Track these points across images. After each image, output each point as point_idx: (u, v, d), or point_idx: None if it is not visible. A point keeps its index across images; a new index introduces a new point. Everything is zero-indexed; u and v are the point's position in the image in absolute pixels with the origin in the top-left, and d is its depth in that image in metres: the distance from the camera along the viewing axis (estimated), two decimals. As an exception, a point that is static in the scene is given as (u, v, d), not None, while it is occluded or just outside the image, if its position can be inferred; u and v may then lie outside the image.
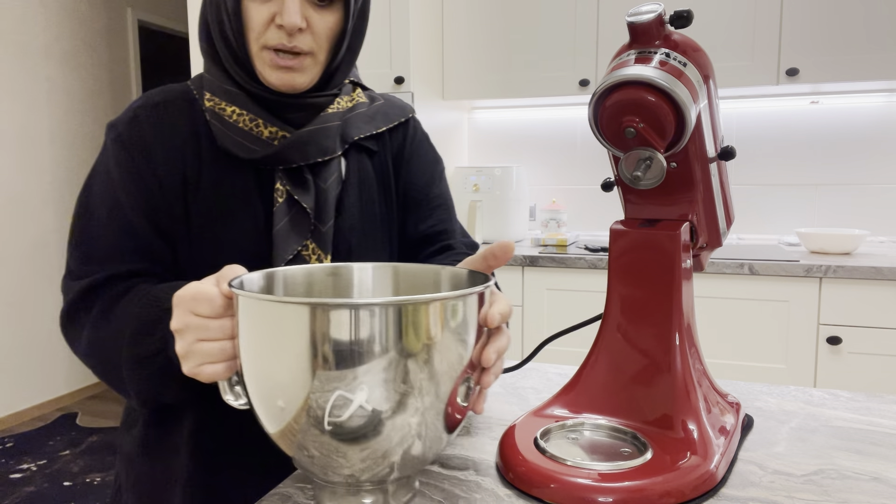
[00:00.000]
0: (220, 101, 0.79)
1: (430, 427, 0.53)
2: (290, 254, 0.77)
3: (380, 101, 0.91)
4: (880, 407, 0.83)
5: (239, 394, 0.59)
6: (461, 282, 0.64)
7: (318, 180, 0.81)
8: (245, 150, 0.78)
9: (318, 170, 0.81)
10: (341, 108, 0.84)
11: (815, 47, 2.21)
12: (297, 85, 0.77)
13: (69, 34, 3.70)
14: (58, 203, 3.67)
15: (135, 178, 0.77)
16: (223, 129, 0.78)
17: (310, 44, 0.75)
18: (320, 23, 0.75)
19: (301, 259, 0.78)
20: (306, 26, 0.74)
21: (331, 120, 0.82)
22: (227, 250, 0.78)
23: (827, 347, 2.02)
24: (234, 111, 0.78)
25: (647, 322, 0.69)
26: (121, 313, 0.71)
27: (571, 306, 2.27)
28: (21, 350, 3.47)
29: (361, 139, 0.86)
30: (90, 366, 0.75)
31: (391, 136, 0.91)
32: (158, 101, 0.80)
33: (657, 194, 0.71)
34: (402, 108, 0.94)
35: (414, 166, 0.92)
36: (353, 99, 0.87)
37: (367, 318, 0.48)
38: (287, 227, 0.78)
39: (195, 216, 0.78)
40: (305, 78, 0.77)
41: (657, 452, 0.62)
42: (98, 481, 2.74)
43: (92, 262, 0.76)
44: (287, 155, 0.78)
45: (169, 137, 0.78)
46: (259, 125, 0.78)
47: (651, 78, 0.60)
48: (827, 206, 2.53)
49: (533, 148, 2.90)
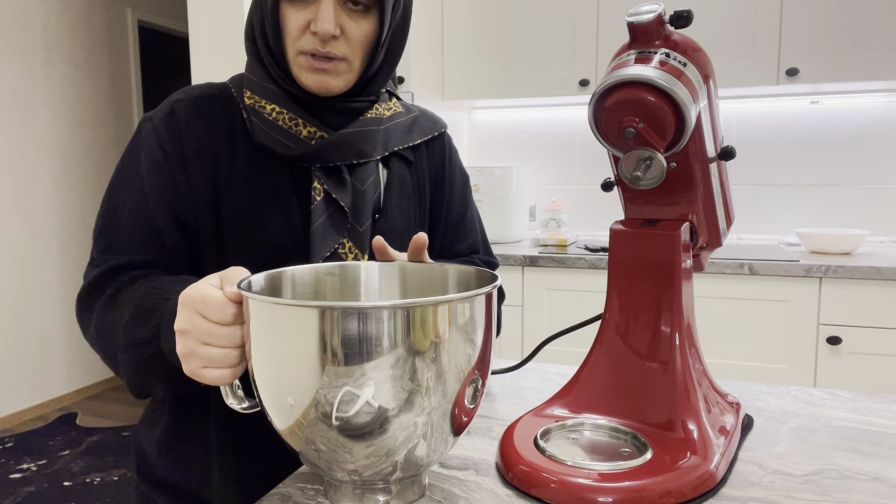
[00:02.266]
0: (261, 98, 0.80)
1: (437, 428, 0.53)
2: (328, 251, 0.78)
3: (415, 113, 0.94)
4: (880, 407, 0.83)
5: (242, 398, 0.59)
6: (468, 280, 0.64)
7: (355, 181, 0.82)
8: (283, 147, 0.79)
9: (355, 171, 0.83)
10: (380, 114, 0.85)
11: (815, 47, 2.21)
12: (331, 88, 0.78)
13: (69, 34, 3.70)
14: (57, 203, 3.67)
15: (163, 175, 0.78)
16: (262, 126, 0.79)
17: (344, 50, 0.76)
18: (355, 30, 0.76)
19: (338, 256, 0.79)
20: (340, 33, 0.75)
21: (370, 125, 0.83)
22: (263, 248, 0.78)
23: (827, 347, 2.02)
24: (273, 109, 0.79)
25: (647, 322, 0.69)
26: (126, 299, 0.72)
27: (571, 306, 2.27)
28: (21, 350, 3.47)
29: (401, 150, 0.88)
30: (97, 350, 0.76)
31: (427, 149, 0.94)
32: (197, 96, 0.81)
33: (657, 194, 0.71)
34: (435, 122, 0.96)
35: (455, 189, 0.96)
36: (391, 108, 0.89)
37: (376, 320, 0.48)
38: (325, 225, 0.79)
39: (228, 212, 0.78)
40: (339, 82, 0.78)
41: (657, 452, 0.62)
42: (98, 481, 2.74)
43: (111, 253, 0.77)
44: (325, 154, 0.80)
45: (205, 132, 0.79)
46: (298, 124, 0.80)
47: (651, 78, 0.60)
48: (827, 206, 2.53)
49: (533, 148, 2.90)
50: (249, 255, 0.78)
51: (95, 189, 3.89)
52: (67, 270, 3.73)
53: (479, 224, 1.04)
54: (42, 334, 3.59)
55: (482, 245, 1.03)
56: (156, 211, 0.77)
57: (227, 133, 0.80)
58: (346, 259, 0.79)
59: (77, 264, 3.78)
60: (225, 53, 2.57)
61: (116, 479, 2.76)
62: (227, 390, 0.59)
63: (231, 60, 2.56)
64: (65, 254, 3.71)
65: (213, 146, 0.79)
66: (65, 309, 3.72)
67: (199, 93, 0.82)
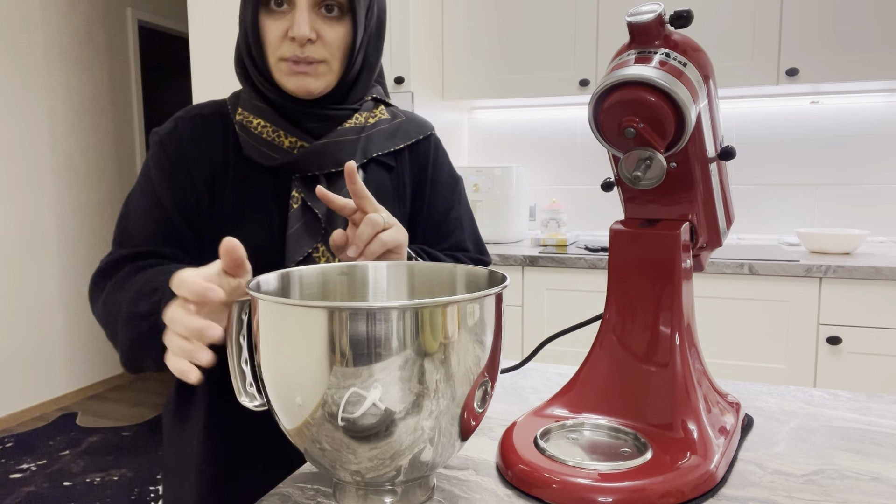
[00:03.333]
0: (249, 114, 0.87)
1: (444, 432, 0.53)
2: (301, 255, 0.83)
3: (401, 119, 0.97)
4: (880, 407, 0.83)
5: (253, 395, 0.59)
6: (477, 280, 0.64)
7: (333, 188, 0.87)
8: (266, 158, 0.85)
9: (333, 179, 0.88)
10: (359, 123, 0.90)
11: (815, 47, 2.21)
12: (312, 89, 0.83)
13: (69, 34, 3.70)
14: (58, 202, 3.67)
15: (170, 177, 0.86)
16: (249, 140, 0.86)
17: (322, 53, 0.82)
18: (330, 33, 0.82)
19: (312, 260, 0.84)
20: (317, 38, 0.81)
21: (348, 134, 0.88)
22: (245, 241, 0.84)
23: (827, 347, 2.02)
24: (259, 123, 0.86)
25: (646, 322, 0.69)
26: (137, 279, 0.77)
27: (571, 306, 2.27)
28: (21, 350, 3.47)
29: (379, 156, 0.91)
30: (100, 322, 0.80)
31: (411, 153, 0.97)
32: (196, 114, 0.90)
33: (657, 194, 0.71)
34: (421, 126, 0.99)
35: (437, 191, 0.98)
36: (375, 115, 0.93)
37: (384, 321, 0.48)
38: (300, 231, 0.84)
39: (219, 214, 0.86)
40: (320, 83, 0.84)
41: (657, 452, 0.62)
42: (98, 481, 2.74)
43: (125, 246, 0.84)
44: (303, 163, 0.85)
45: (202, 146, 0.87)
46: (280, 136, 0.86)
47: (651, 78, 0.60)
48: (827, 206, 2.53)
49: (533, 148, 2.90)
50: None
51: (95, 189, 3.89)
52: (67, 271, 3.73)
53: (470, 223, 1.04)
54: (42, 334, 3.59)
55: (473, 245, 1.03)
56: (168, 209, 0.85)
57: (222, 147, 0.88)
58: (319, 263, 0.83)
59: (77, 265, 3.78)
60: (225, 53, 2.57)
61: (116, 479, 2.76)
62: (239, 387, 0.59)
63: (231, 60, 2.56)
64: (64, 254, 3.71)
65: (210, 159, 0.87)
66: (65, 309, 3.72)
67: (198, 111, 0.90)
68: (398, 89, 2.41)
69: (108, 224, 3.99)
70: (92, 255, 3.88)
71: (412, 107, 2.41)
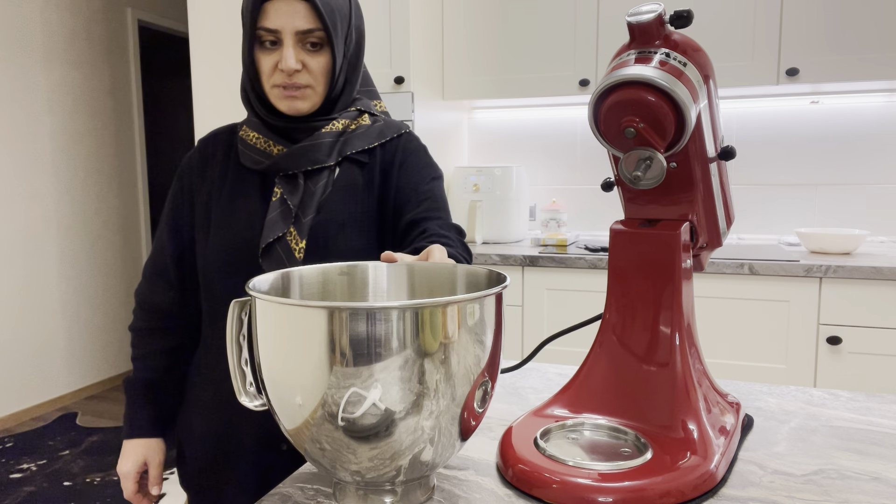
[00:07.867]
0: (249, 130, 1.05)
1: (444, 432, 0.53)
2: (273, 237, 0.97)
3: (379, 123, 1.09)
4: (880, 407, 0.83)
5: (253, 395, 0.59)
6: (477, 280, 0.64)
7: (309, 184, 1.02)
8: (255, 163, 1.02)
9: (311, 176, 1.02)
10: (335, 129, 1.03)
11: (815, 47, 2.21)
12: (301, 109, 0.99)
13: (69, 34, 3.70)
14: (58, 204, 3.67)
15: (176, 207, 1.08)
16: (244, 150, 1.04)
17: (307, 79, 0.97)
18: (314, 63, 0.97)
19: (283, 241, 0.98)
20: (302, 67, 0.96)
21: (323, 138, 1.02)
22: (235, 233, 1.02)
23: (827, 347, 2.02)
24: (254, 136, 1.04)
25: (647, 322, 0.69)
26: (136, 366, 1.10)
27: (571, 306, 2.27)
28: (21, 350, 3.47)
29: (353, 154, 1.05)
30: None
31: (384, 150, 1.08)
32: (214, 134, 1.10)
33: (657, 194, 0.71)
34: (395, 127, 1.10)
35: (405, 170, 1.07)
36: (357, 122, 1.06)
37: (384, 320, 0.48)
38: (276, 218, 0.99)
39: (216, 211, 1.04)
40: (307, 104, 0.99)
41: (657, 452, 0.62)
42: (98, 481, 2.74)
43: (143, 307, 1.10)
44: (283, 164, 1.00)
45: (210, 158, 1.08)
46: (269, 145, 1.02)
47: (651, 78, 0.60)
48: (827, 206, 2.53)
49: (533, 148, 2.90)
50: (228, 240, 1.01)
51: (95, 190, 3.89)
52: (67, 271, 3.73)
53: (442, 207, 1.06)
54: (42, 334, 3.59)
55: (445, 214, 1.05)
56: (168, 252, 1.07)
57: (225, 158, 1.07)
58: (290, 244, 0.97)
59: (76, 265, 3.78)
60: (225, 53, 2.57)
61: (116, 479, 2.76)
62: (239, 387, 0.59)
63: (231, 60, 2.56)
64: (64, 255, 3.71)
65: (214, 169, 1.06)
66: (64, 309, 3.72)
67: (217, 131, 1.10)
68: (398, 89, 2.41)
69: (108, 224, 3.99)
70: (91, 255, 3.88)
71: (412, 107, 2.41)
